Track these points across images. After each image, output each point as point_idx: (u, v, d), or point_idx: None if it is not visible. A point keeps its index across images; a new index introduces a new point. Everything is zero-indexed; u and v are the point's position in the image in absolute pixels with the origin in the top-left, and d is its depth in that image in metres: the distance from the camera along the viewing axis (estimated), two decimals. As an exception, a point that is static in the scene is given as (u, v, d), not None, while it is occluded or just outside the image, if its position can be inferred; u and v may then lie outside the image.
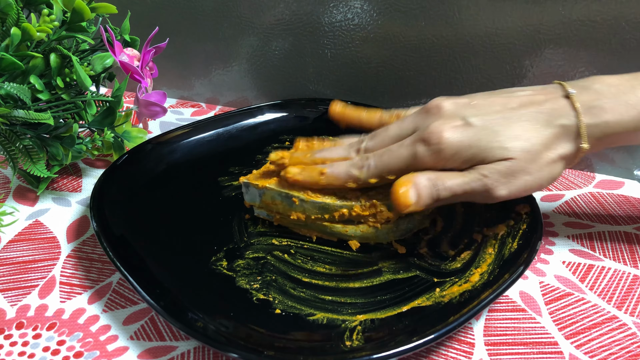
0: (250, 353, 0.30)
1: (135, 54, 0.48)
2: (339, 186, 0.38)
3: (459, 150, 0.35)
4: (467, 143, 0.34)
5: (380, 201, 0.38)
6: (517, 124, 0.34)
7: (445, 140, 0.34)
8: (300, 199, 0.39)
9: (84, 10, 0.41)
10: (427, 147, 0.35)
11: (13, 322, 0.35)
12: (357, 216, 0.39)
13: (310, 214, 0.39)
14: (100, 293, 0.38)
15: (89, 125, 0.46)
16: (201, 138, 0.52)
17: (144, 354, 0.33)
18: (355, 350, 0.31)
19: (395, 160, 0.36)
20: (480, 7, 0.49)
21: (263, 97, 0.62)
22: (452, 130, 0.35)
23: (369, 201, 0.38)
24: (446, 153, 0.35)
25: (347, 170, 0.38)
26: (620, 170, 0.51)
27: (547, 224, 0.45)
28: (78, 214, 0.46)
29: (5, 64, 0.38)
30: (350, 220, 0.39)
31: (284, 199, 0.40)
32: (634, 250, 0.42)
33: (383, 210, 0.38)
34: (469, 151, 0.34)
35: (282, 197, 0.40)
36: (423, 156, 0.35)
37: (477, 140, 0.34)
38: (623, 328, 0.35)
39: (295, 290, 0.37)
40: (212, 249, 0.40)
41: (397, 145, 0.37)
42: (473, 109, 0.36)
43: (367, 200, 0.38)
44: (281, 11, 0.56)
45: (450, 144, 0.34)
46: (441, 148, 0.35)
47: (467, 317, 0.31)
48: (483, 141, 0.34)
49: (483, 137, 0.34)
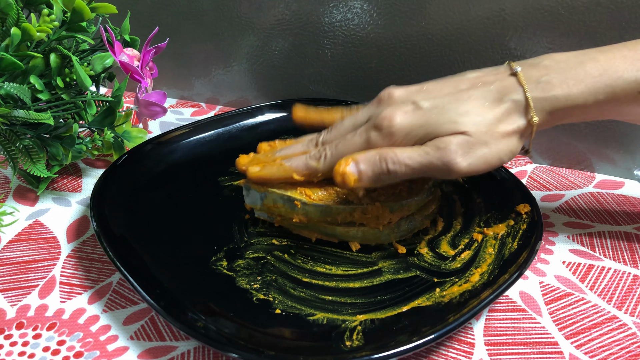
0: (250, 353, 0.30)
1: (135, 54, 0.48)
2: (302, 178, 0.39)
3: (410, 130, 0.35)
4: (418, 123, 0.35)
5: (383, 203, 0.38)
6: (467, 102, 0.35)
7: (395, 124, 0.35)
8: (302, 202, 0.39)
9: (84, 10, 0.41)
10: (379, 132, 0.36)
11: (13, 322, 0.35)
12: (360, 218, 0.39)
13: (313, 217, 0.39)
14: (100, 293, 0.38)
15: (89, 125, 0.46)
16: (201, 138, 0.52)
17: (144, 354, 0.33)
18: (355, 350, 0.31)
19: (351, 148, 0.37)
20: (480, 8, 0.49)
21: (263, 97, 0.62)
22: (402, 114, 0.36)
23: (371, 203, 0.38)
24: (398, 135, 0.35)
25: (305, 162, 0.39)
26: (620, 170, 0.51)
27: (547, 224, 0.45)
28: (78, 214, 0.46)
29: (5, 64, 0.38)
30: (352, 222, 0.39)
31: (286, 202, 0.40)
32: (634, 250, 0.42)
33: (386, 212, 0.38)
34: (421, 130, 0.35)
35: (284, 200, 0.40)
36: (376, 141, 0.36)
37: (427, 119, 0.35)
38: (623, 328, 0.35)
39: (295, 290, 0.37)
40: (212, 249, 0.40)
41: (352, 134, 0.38)
42: (424, 93, 0.37)
43: (369, 203, 0.38)
44: (281, 11, 0.56)
45: (400, 126, 0.35)
46: (392, 131, 0.35)
47: (467, 317, 0.31)
48: (433, 119, 0.35)
49: (433, 116, 0.35)
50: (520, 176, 0.51)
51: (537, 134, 0.51)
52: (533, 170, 0.52)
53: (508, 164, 0.52)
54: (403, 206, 0.39)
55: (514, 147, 0.36)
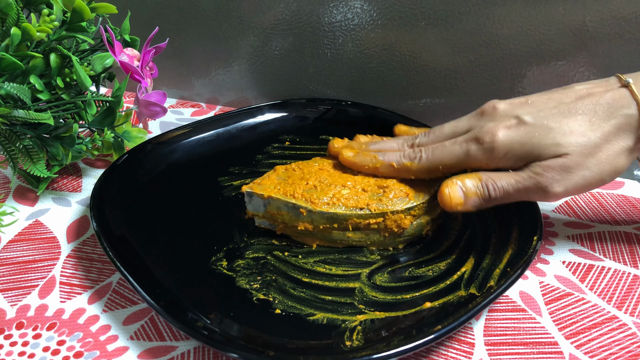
0: (250, 353, 0.30)
1: (135, 54, 0.48)
2: (388, 174, 0.40)
3: (511, 148, 0.35)
4: (520, 141, 0.35)
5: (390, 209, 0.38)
6: (572, 118, 0.34)
7: (497, 139, 0.35)
8: (307, 209, 0.38)
9: (84, 10, 0.41)
10: (479, 145, 0.36)
11: (13, 322, 0.35)
12: (367, 225, 0.39)
13: (318, 224, 0.39)
14: (100, 293, 0.38)
15: (89, 125, 0.46)
16: (201, 138, 0.52)
17: (144, 354, 0.33)
18: (355, 350, 0.31)
19: (448, 155, 0.37)
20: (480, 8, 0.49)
21: (263, 97, 0.62)
22: (505, 129, 0.35)
23: (379, 210, 0.38)
24: (499, 152, 0.35)
25: (399, 160, 0.39)
26: (620, 170, 0.51)
27: (547, 224, 0.45)
28: (78, 214, 0.46)
29: (5, 64, 0.38)
30: (358, 228, 0.39)
31: (291, 209, 0.39)
32: (634, 250, 0.42)
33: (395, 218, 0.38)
34: (522, 149, 0.35)
35: (288, 207, 0.39)
36: (475, 154, 0.36)
37: (530, 138, 0.34)
38: (623, 328, 0.35)
39: (295, 290, 0.37)
40: (212, 249, 0.40)
41: (451, 142, 0.37)
42: (528, 107, 0.36)
43: (377, 209, 0.38)
44: (281, 11, 0.56)
45: (502, 143, 0.35)
46: (494, 147, 0.35)
47: (467, 317, 0.31)
48: (536, 138, 0.34)
49: (536, 134, 0.34)
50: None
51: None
52: (533, 170, 0.52)
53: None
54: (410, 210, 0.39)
55: (620, 167, 0.35)
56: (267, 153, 0.52)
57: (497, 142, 0.35)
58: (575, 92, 0.36)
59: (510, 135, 0.35)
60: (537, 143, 0.34)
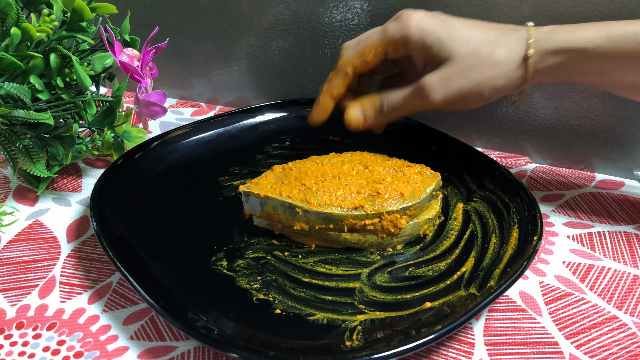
0: (250, 353, 0.30)
1: (135, 54, 0.48)
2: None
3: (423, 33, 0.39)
4: (432, 28, 0.39)
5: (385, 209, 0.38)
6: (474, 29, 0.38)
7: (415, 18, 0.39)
8: (303, 209, 0.38)
9: (84, 10, 0.41)
10: (396, 21, 0.40)
11: (13, 322, 0.35)
12: (364, 226, 0.39)
13: (314, 224, 0.39)
14: (100, 293, 0.38)
15: (89, 125, 0.46)
16: (201, 138, 0.52)
17: (144, 354, 0.33)
18: (355, 350, 0.31)
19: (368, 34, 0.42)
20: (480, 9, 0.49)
21: (263, 97, 0.62)
22: (423, 14, 0.39)
23: (374, 211, 0.38)
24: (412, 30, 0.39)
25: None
26: (620, 170, 0.51)
27: (547, 224, 0.45)
28: (78, 214, 0.46)
29: (5, 64, 0.38)
30: (354, 229, 0.39)
31: (287, 209, 0.39)
32: (634, 250, 0.42)
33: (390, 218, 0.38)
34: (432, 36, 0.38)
35: (284, 207, 0.39)
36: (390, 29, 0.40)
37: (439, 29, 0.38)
38: (623, 328, 0.35)
39: (295, 290, 0.37)
40: (212, 249, 0.40)
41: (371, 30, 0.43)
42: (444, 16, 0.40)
43: (372, 210, 0.38)
44: (281, 11, 0.56)
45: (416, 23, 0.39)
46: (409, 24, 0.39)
47: (467, 317, 0.31)
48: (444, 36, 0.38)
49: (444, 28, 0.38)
50: (520, 176, 0.51)
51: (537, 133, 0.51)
52: (533, 170, 0.52)
53: (508, 164, 0.52)
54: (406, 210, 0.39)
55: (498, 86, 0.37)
56: (267, 153, 0.52)
57: (414, 20, 0.39)
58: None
59: (425, 19, 0.39)
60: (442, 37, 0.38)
